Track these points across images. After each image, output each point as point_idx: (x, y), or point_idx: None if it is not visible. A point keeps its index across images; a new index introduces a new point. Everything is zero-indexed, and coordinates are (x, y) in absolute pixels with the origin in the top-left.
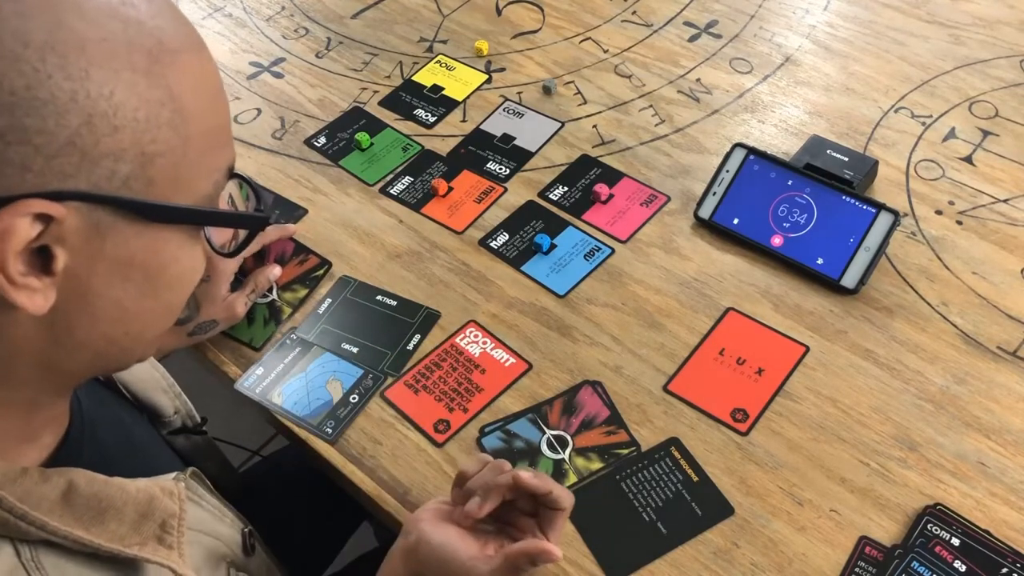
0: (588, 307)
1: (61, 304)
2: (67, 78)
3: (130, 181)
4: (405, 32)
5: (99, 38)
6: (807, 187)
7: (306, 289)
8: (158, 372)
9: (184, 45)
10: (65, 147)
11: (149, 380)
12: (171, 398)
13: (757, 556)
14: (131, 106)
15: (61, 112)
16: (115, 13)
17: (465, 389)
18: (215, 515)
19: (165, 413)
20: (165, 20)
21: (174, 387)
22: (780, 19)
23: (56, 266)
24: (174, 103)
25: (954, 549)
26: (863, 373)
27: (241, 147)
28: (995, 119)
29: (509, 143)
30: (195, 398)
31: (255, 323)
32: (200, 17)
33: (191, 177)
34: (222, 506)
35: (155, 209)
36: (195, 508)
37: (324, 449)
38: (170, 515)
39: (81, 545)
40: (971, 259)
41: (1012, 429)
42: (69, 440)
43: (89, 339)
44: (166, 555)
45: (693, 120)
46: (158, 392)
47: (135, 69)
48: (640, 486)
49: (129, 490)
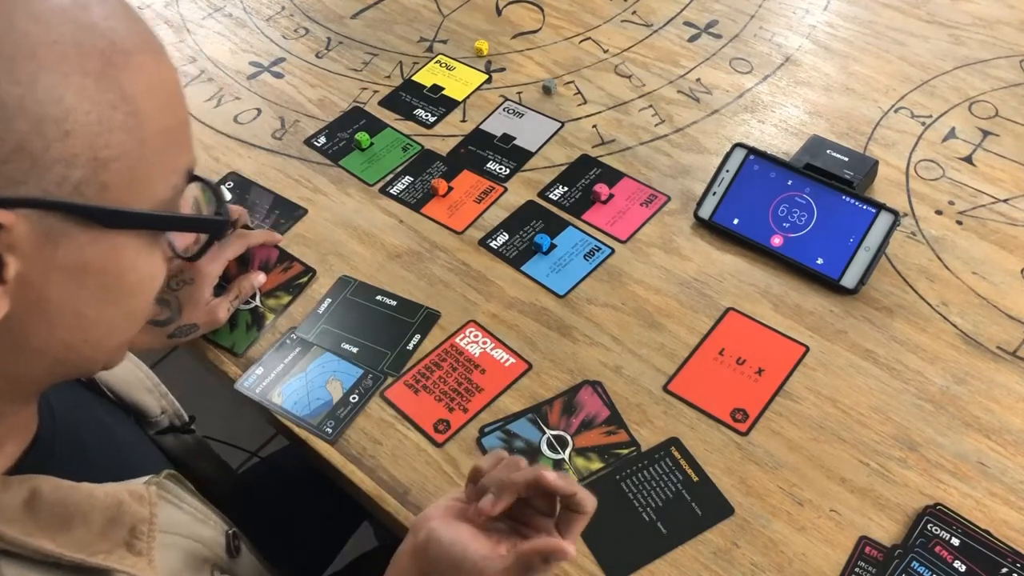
0: (588, 307)
1: (16, 312)
2: (14, 83)
3: (82, 186)
4: (405, 32)
5: (49, 41)
6: (807, 187)
7: (289, 296)
8: (142, 372)
9: (138, 46)
10: (14, 153)
11: (133, 381)
12: (156, 398)
13: (757, 556)
14: (82, 110)
15: (9, 117)
16: (67, 15)
17: (465, 389)
18: (196, 517)
19: (151, 413)
20: (118, 21)
21: (159, 387)
22: (780, 19)
23: (7, 274)
24: (128, 105)
25: (954, 549)
26: (863, 373)
27: (241, 147)
28: (995, 119)
29: (509, 143)
30: (195, 398)
31: (237, 329)
32: (200, 17)
33: (147, 181)
34: (205, 508)
35: (109, 214)
36: (173, 511)
37: (324, 449)
38: (140, 520)
39: (43, 555)
40: (971, 259)
41: (1012, 429)
42: (37, 446)
43: (47, 346)
44: (134, 563)
45: (693, 120)
46: (143, 392)
47: (86, 72)
48: (640, 486)
49: (97, 495)
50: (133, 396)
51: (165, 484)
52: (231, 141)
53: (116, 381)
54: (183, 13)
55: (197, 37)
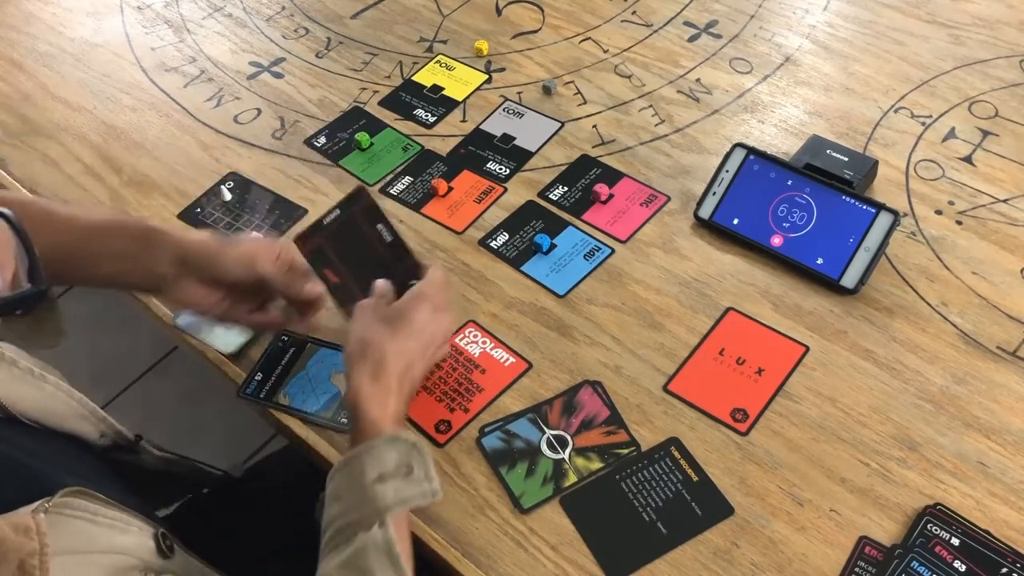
0: (588, 307)
1: None
2: None
3: None
4: (405, 32)
5: None
6: (807, 187)
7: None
8: (74, 400)
9: None
10: None
11: (64, 410)
12: (94, 424)
13: (757, 556)
14: None
15: None
16: None
17: (465, 389)
18: (118, 527)
19: (90, 439)
20: None
21: (96, 412)
22: (780, 19)
23: None
24: None
25: (954, 549)
26: (863, 373)
27: (241, 147)
28: (995, 119)
29: (509, 143)
30: (194, 397)
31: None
32: (200, 17)
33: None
34: (125, 515)
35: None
36: (86, 526)
37: (325, 450)
38: (28, 554)
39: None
40: (971, 259)
41: (1012, 429)
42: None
43: None
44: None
45: (693, 120)
46: (76, 420)
47: None
48: (640, 486)
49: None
50: (66, 426)
51: (69, 503)
52: (231, 141)
53: (43, 414)
54: (183, 13)
55: (197, 37)
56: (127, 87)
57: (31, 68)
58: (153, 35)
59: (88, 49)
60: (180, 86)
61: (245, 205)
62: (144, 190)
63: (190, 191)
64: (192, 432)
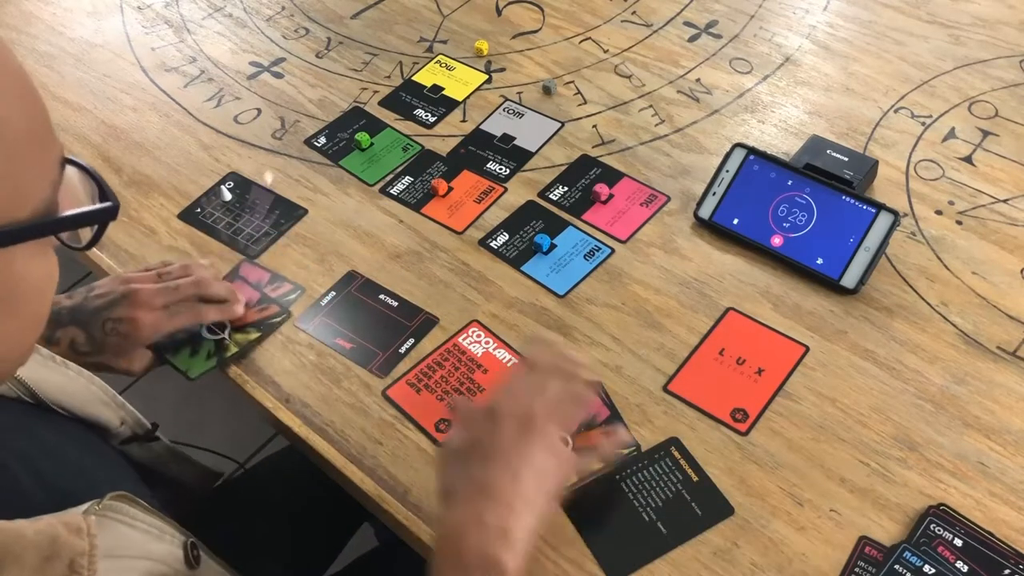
0: (588, 307)
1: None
2: None
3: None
4: (405, 32)
5: None
6: (807, 187)
7: (259, 333)
8: (95, 386)
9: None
10: None
11: (87, 396)
12: (114, 410)
13: (757, 556)
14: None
15: None
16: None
17: (467, 389)
18: (153, 534)
19: (111, 426)
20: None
21: (116, 398)
22: (780, 19)
23: None
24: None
25: (957, 549)
26: (863, 373)
27: (241, 147)
28: (995, 119)
29: (509, 143)
30: (194, 397)
31: (197, 356)
32: (200, 17)
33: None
34: (160, 523)
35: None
36: (127, 531)
37: (324, 449)
38: (78, 554)
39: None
40: (971, 259)
41: (1012, 429)
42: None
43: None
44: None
45: (693, 120)
46: (99, 406)
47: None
48: (640, 486)
49: (27, 534)
50: (88, 411)
51: (114, 506)
52: (231, 141)
53: (67, 398)
54: (183, 13)
55: (197, 37)
56: (127, 87)
57: (31, 68)
58: (153, 35)
59: (88, 49)
60: (180, 86)
61: (245, 205)
62: (144, 190)
63: (190, 191)
64: (192, 432)
